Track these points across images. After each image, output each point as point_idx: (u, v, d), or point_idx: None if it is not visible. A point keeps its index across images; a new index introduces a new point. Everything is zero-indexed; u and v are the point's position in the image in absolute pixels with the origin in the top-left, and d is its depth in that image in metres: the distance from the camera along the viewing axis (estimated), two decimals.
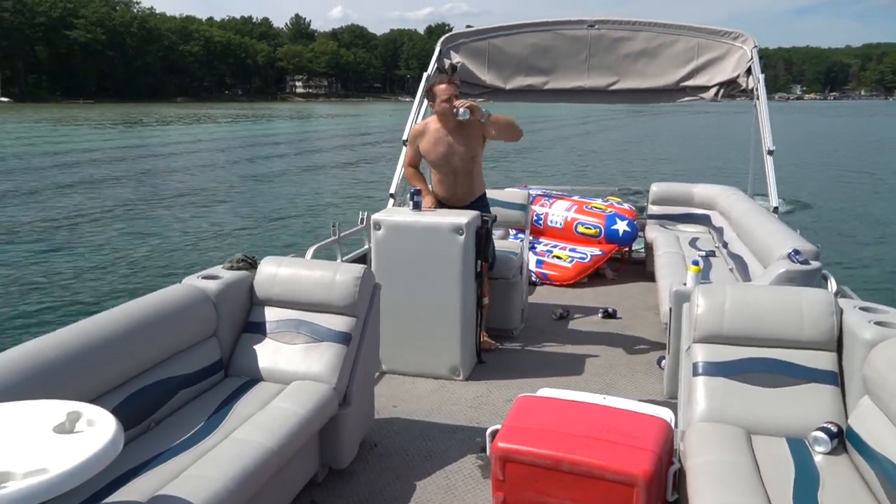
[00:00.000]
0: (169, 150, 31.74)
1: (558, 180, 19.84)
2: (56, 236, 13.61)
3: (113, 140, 37.71)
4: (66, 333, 2.31)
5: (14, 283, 10.17)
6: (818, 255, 3.52)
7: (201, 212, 16.49)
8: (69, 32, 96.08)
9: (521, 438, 2.54)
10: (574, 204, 6.56)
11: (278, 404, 2.64)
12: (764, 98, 5.38)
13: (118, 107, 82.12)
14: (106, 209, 16.51)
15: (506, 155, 26.65)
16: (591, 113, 60.90)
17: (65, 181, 21.37)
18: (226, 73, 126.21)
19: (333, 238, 4.59)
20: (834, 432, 2.31)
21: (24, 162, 26.43)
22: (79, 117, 59.43)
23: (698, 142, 40.00)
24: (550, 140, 38.57)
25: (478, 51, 6.08)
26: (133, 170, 24.30)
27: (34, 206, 16.65)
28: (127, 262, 11.51)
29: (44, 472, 1.50)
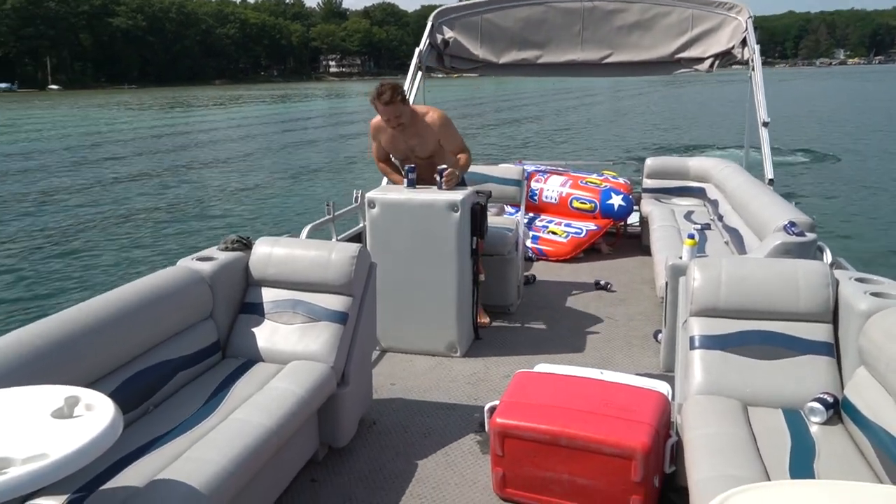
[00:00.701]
0: (206, 134, 31.94)
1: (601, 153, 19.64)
2: (46, 219, 13.55)
3: (166, 122, 38.56)
4: (61, 318, 2.30)
5: (7, 268, 10.14)
6: (813, 227, 3.52)
7: (198, 192, 16.42)
8: (111, 20, 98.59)
9: (520, 414, 2.56)
10: (569, 179, 6.54)
11: (276, 384, 2.65)
12: (759, 69, 5.34)
13: (161, 90, 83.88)
14: (102, 191, 16.43)
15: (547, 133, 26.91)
16: (622, 83, 60.94)
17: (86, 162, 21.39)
18: (261, 54, 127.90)
19: (328, 217, 4.57)
20: (830, 403, 2.33)
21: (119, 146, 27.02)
22: (132, 102, 61.01)
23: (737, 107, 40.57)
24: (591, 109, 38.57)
25: (470, 25, 6.01)
26: (149, 149, 24.37)
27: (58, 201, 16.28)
28: (119, 244, 11.47)
29: (43, 458, 1.50)
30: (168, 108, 51.43)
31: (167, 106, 54.73)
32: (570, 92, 54.96)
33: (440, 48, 6.04)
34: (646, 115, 36.46)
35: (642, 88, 58.78)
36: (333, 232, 4.62)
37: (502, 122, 32.68)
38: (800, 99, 46.87)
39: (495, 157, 18.36)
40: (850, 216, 12.32)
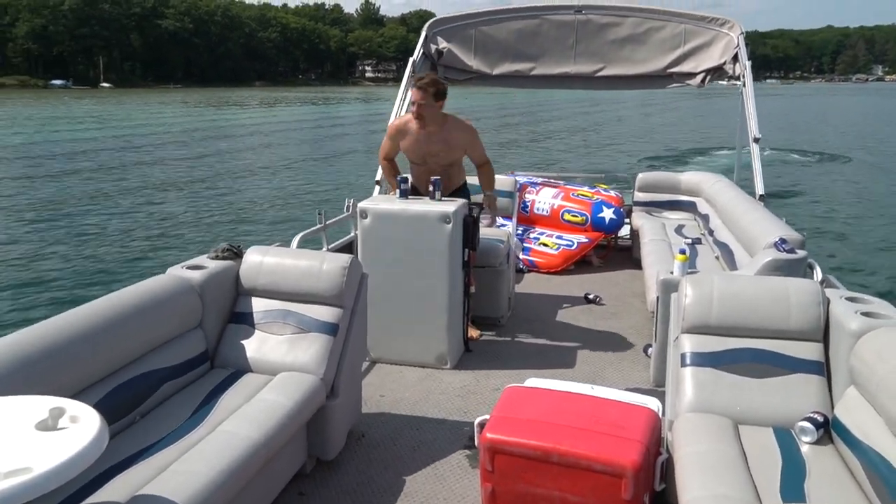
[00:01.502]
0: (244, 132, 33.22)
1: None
2: (36, 223, 13.42)
3: (216, 120, 40.88)
4: (47, 326, 2.27)
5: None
6: (804, 244, 3.54)
7: (191, 198, 16.33)
8: (160, 21, 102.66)
9: (510, 429, 2.54)
10: (561, 191, 6.55)
11: (265, 396, 2.62)
12: (750, 85, 5.38)
13: (206, 91, 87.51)
14: (95, 196, 16.30)
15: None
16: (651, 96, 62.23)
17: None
18: (300, 58, 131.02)
19: (319, 226, 4.55)
20: (820, 422, 2.33)
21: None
22: (189, 100, 64.39)
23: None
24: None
25: (465, 36, 6.02)
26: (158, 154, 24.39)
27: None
28: (108, 251, 11.34)
29: (27, 472, 1.46)
30: (221, 107, 54.44)
31: (223, 105, 58.11)
32: (597, 104, 55.51)
33: (434, 58, 6.05)
34: (677, 125, 37.61)
35: (672, 100, 60.48)
36: (325, 241, 4.60)
37: (540, 134, 32.87)
38: (812, 113, 48.31)
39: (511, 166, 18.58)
40: (839, 233, 12.43)
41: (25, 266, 10.43)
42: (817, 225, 12.50)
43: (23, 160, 22.66)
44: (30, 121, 38.21)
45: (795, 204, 14.62)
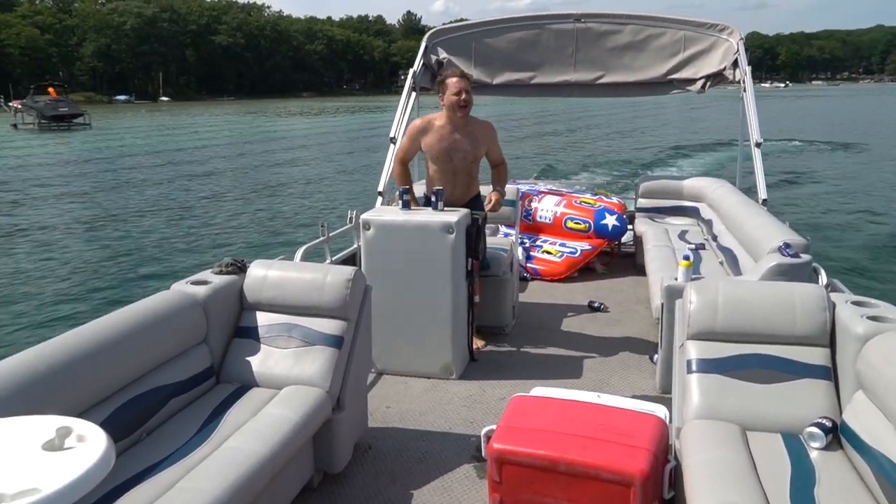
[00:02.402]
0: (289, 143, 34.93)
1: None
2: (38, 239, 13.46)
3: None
4: (53, 345, 2.27)
5: None
6: (808, 249, 3.53)
7: (207, 212, 16.47)
8: (214, 37, 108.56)
9: (517, 439, 2.53)
10: (563, 199, 6.55)
11: (271, 410, 2.61)
12: (751, 90, 5.39)
13: (258, 102, 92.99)
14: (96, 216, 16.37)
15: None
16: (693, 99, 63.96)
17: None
18: (345, 69, 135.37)
19: (322, 238, 4.56)
20: (828, 427, 2.31)
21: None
22: (262, 110, 69.40)
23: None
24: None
25: (464, 46, 6.05)
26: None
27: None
28: (111, 268, 11.38)
29: (35, 492, 1.46)
30: (270, 117, 58.47)
31: (269, 114, 62.80)
32: (638, 108, 56.02)
33: (434, 69, 6.07)
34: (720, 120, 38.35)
35: (710, 100, 62.55)
36: (328, 253, 4.60)
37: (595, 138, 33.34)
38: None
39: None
40: (842, 236, 12.39)
41: (30, 284, 10.47)
42: (821, 229, 12.47)
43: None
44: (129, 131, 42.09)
45: (799, 206, 14.62)
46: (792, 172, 20.40)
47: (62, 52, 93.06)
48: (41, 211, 16.84)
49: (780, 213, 4.90)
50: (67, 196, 19.08)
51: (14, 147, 33.50)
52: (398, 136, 5.49)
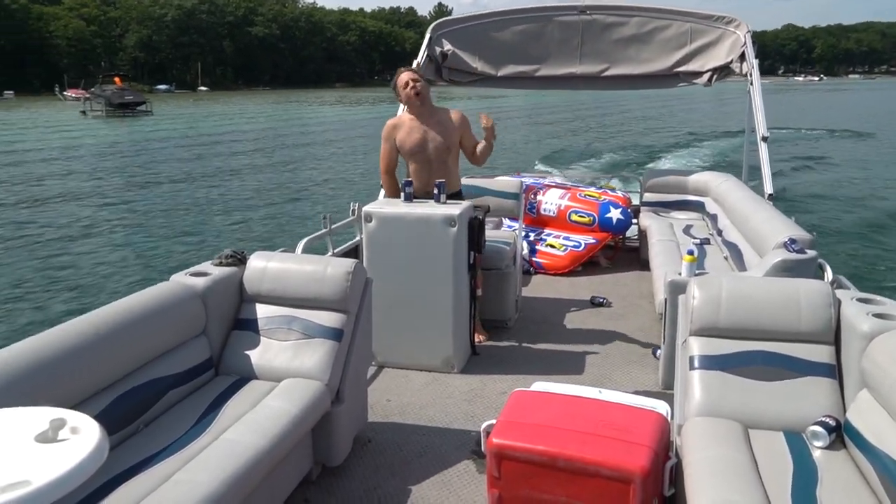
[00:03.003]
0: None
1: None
2: (34, 228, 13.48)
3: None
4: (50, 336, 2.26)
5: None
6: (814, 244, 3.49)
7: (204, 201, 16.57)
8: (250, 29, 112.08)
9: (516, 434, 2.51)
10: (567, 192, 6.51)
11: (270, 403, 2.60)
12: (758, 84, 5.33)
13: (293, 92, 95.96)
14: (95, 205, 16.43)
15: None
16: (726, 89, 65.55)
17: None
18: (377, 59, 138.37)
19: (324, 230, 4.54)
20: (832, 426, 2.29)
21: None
22: (299, 100, 72.78)
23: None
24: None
25: (469, 38, 6.00)
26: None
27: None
28: (110, 258, 11.40)
29: (26, 485, 1.45)
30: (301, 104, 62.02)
31: (336, 102, 65.83)
32: (668, 101, 56.06)
33: (438, 60, 6.03)
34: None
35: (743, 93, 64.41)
36: (330, 245, 4.58)
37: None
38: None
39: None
40: (850, 232, 12.31)
41: (27, 274, 10.48)
42: (827, 224, 12.39)
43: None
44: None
45: (805, 202, 14.53)
46: (802, 158, 20.50)
47: (106, 43, 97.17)
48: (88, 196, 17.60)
49: (792, 202, 4.87)
50: (107, 180, 20.14)
51: (87, 132, 36.27)
52: None
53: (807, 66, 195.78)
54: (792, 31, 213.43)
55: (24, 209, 15.85)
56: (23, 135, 34.95)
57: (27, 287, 9.76)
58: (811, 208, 13.93)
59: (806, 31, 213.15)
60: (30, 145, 29.87)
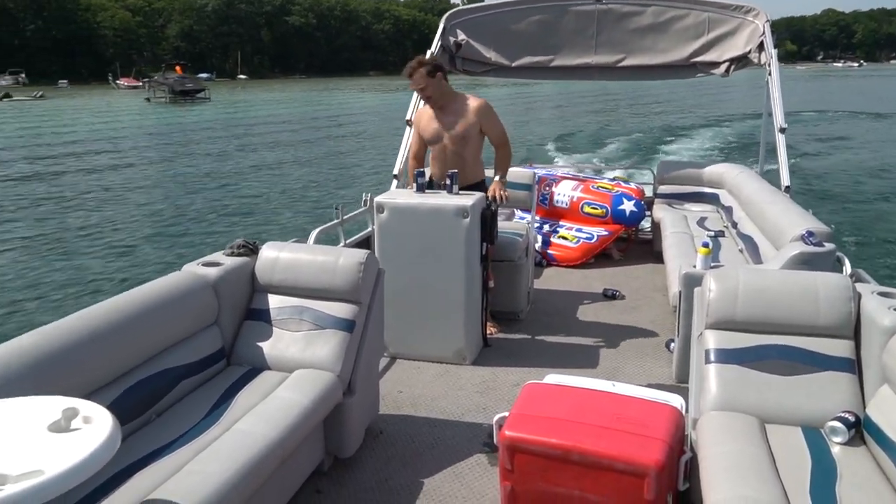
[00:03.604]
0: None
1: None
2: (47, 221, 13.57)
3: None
4: (63, 325, 2.26)
5: (5, 272, 10.11)
6: (832, 237, 3.44)
7: (225, 190, 16.75)
8: (287, 18, 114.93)
9: (529, 427, 2.49)
10: (580, 183, 6.46)
11: (282, 394, 2.59)
12: (776, 74, 5.25)
13: (330, 80, 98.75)
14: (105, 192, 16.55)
15: None
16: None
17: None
18: (410, 48, 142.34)
19: (337, 221, 4.53)
20: (851, 422, 2.25)
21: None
22: (339, 87, 75.41)
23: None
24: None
25: (483, 28, 5.95)
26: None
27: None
28: (123, 248, 11.46)
29: (39, 474, 1.45)
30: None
31: (379, 89, 67.61)
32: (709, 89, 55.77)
33: (452, 50, 5.99)
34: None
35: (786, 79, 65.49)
36: (342, 236, 4.57)
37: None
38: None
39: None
40: (868, 225, 12.14)
41: (39, 264, 10.54)
42: (845, 216, 12.24)
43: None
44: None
45: (822, 192, 14.37)
46: (822, 141, 20.45)
47: (149, 33, 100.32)
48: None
49: (810, 188, 4.80)
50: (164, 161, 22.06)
51: (154, 116, 40.04)
52: (413, 119, 5.43)
53: (847, 51, 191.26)
54: (832, 16, 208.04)
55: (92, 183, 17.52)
56: (101, 118, 38.72)
57: (35, 280, 9.79)
58: (829, 196, 13.79)
59: (846, 16, 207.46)
60: (109, 127, 33.31)
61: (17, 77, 76.02)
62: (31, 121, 37.14)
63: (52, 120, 37.48)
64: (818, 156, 19.45)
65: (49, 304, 8.72)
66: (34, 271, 10.14)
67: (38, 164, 21.27)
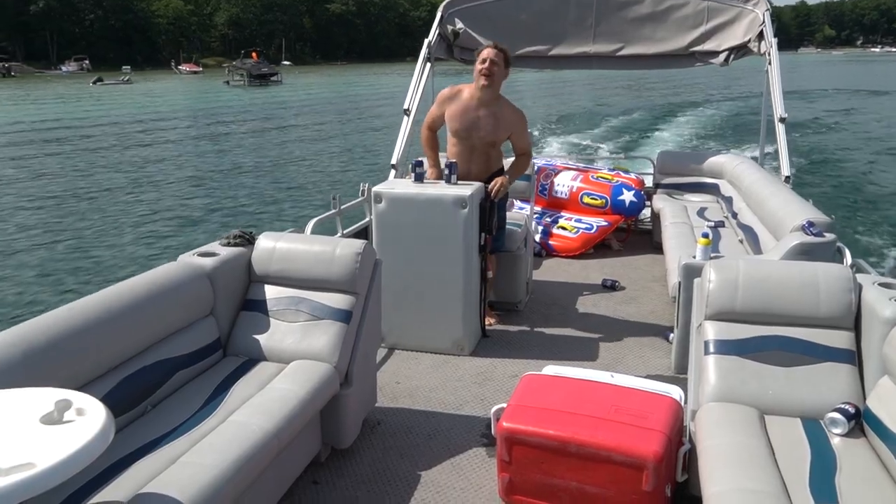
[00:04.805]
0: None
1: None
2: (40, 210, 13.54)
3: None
4: (56, 316, 2.23)
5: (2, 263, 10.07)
6: (833, 227, 3.42)
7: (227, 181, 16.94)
8: (328, 6, 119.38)
9: (527, 419, 2.48)
10: (580, 174, 6.43)
11: (278, 385, 2.58)
12: (776, 64, 5.21)
13: (371, 66, 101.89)
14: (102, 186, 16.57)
15: None
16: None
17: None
18: None
19: (334, 211, 4.50)
20: (851, 413, 2.23)
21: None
22: (385, 71, 78.32)
23: None
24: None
25: (481, 16, 5.90)
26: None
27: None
28: (117, 238, 11.42)
29: (30, 467, 1.43)
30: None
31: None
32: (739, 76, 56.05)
33: (450, 39, 5.94)
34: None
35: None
36: (339, 226, 4.55)
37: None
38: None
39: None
40: (868, 215, 12.11)
41: (33, 254, 10.51)
42: (846, 207, 12.20)
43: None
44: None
45: (823, 184, 14.34)
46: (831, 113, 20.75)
47: (199, 21, 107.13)
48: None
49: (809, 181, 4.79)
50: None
51: (232, 97, 45.58)
52: (412, 109, 5.39)
53: (889, 35, 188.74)
54: (872, 0, 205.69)
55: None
56: (184, 99, 44.31)
57: (29, 269, 9.74)
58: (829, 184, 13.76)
59: (889, 0, 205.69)
60: (193, 106, 38.09)
61: (82, 63, 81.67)
62: (138, 100, 42.84)
63: (154, 100, 43.65)
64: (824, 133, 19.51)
65: (40, 295, 8.67)
66: (24, 262, 10.06)
67: (161, 134, 25.51)
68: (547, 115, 27.26)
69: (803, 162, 16.20)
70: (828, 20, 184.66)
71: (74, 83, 61.94)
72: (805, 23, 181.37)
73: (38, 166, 18.56)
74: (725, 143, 19.10)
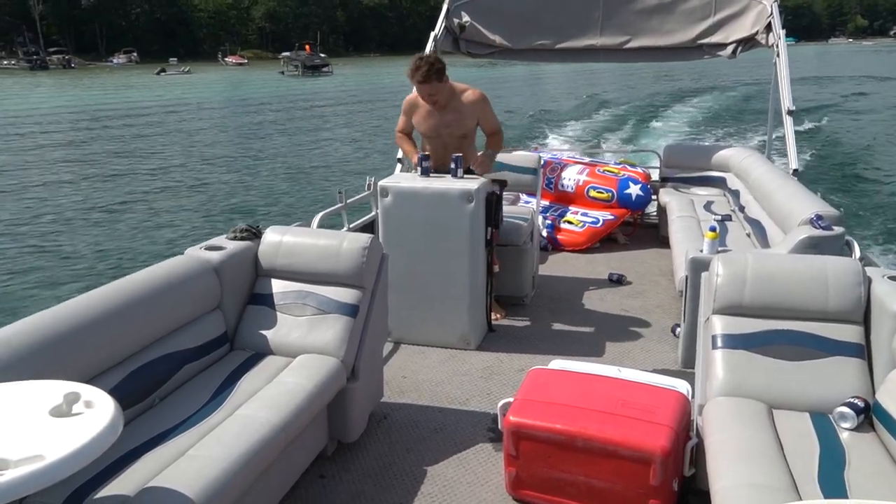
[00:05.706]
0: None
1: None
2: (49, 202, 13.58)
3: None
4: (64, 309, 2.24)
5: (6, 256, 10.07)
6: (842, 220, 3.40)
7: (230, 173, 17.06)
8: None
9: (534, 413, 2.48)
10: (586, 167, 6.41)
11: (285, 379, 2.58)
12: (784, 56, 5.18)
13: (400, 58, 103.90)
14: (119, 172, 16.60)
15: None
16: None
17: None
18: None
19: (340, 205, 4.50)
20: (860, 408, 2.22)
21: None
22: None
23: None
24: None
25: (487, 9, 5.88)
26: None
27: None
28: (125, 232, 11.43)
29: (39, 459, 1.44)
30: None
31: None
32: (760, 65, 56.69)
33: (456, 32, 5.92)
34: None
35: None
36: (345, 220, 4.55)
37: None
38: None
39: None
40: (878, 209, 12.02)
41: (40, 247, 10.51)
42: (855, 199, 12.11)
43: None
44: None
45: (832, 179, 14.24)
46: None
47: (238, 15, 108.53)
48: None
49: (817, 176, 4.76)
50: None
51: (290, 86, 47.86)
52: None
53: None
54: None
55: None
56: (248, 87, 46.89)
57: (36, 263, 9.73)
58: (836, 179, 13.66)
59: None
60: (265, 93, 40.74)
61: (130, 56, 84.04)
62: (204, 88, 45.72)
63: (214, 88, 46.61)
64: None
65: (50, 288, 8.68)
66: (32, 256, 10.08)
67: (237, 119, 27.85)
68: (578, 100, 28.12)
69: (811, 154, 16.11)
70: (860, 10, 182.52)
71: (135, 74, 63.68)
72: (837, 13, 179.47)
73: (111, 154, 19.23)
74: (739, 130, 19.23)
